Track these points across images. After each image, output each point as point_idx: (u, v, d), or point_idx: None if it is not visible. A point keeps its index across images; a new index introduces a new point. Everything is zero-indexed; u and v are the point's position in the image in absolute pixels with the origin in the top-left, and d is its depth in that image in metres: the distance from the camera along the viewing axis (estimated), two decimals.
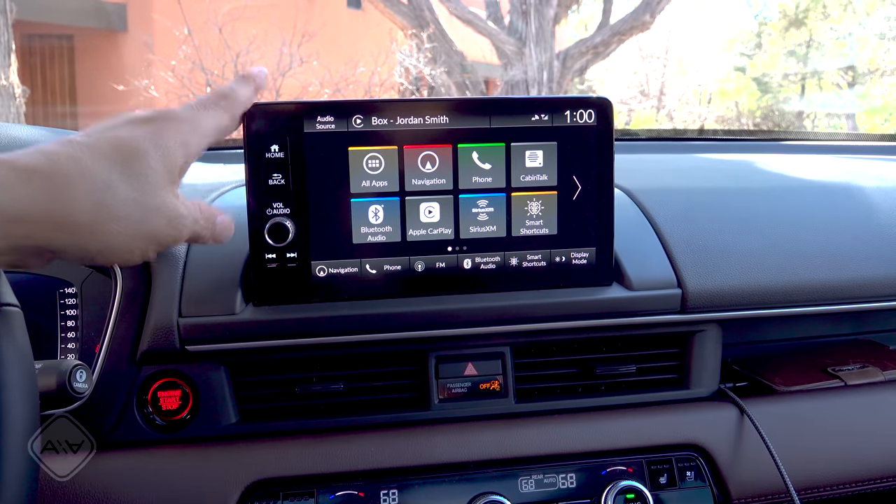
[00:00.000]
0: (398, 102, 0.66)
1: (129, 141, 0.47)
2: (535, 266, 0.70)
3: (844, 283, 0.77)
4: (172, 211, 0.49)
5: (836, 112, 9.77)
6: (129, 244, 0.46)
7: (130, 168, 0.46)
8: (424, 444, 0.68)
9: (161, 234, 0.49)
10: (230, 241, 0.69)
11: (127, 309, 0.66)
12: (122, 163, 0.46)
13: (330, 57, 6.16)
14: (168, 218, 0.49)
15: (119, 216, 0.45)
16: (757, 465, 0.71)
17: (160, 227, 0.48)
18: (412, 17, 6.29)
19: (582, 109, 0.68)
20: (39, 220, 0.42)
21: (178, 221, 0.50)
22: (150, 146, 0.48)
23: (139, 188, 0.46)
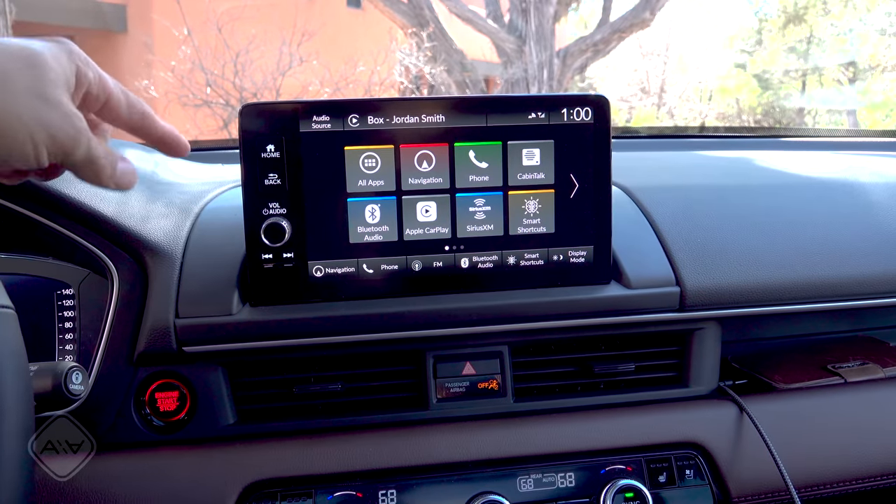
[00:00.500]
0: (394, 101, 0.66)
1: (33, 45, 0.47)
2: (533, 265, 0.70)
3: (844, 279, 0.77)
4: (67, 108, 0.47)
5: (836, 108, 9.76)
6: (21, 129, 0.44)
7: (30, 62, 0.45)
8: (423, 444, 0.68)
9: (54, 127, 0.46)
10: (226, 242, 0.69)
11: (124, 310, 0.66)
12: (23, 59, 0.45)
13: (330, 56, 6.15)
14: (63, 114, 0.46)
15: (14, 98, 0.44)
16: (757, 463, 0.71)
17: (54, 120, 0.46)
18: (412, 15, 6.28)
19: (579, 107, 0.68)
20: None
21: (72, 119, 0.47)
22: (52, 52, 0.47)
23: (36, 79, 0.45)
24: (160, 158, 0.89)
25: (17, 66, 0.45)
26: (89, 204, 0.64)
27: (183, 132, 1.97)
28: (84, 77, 0.49)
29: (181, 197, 0.76)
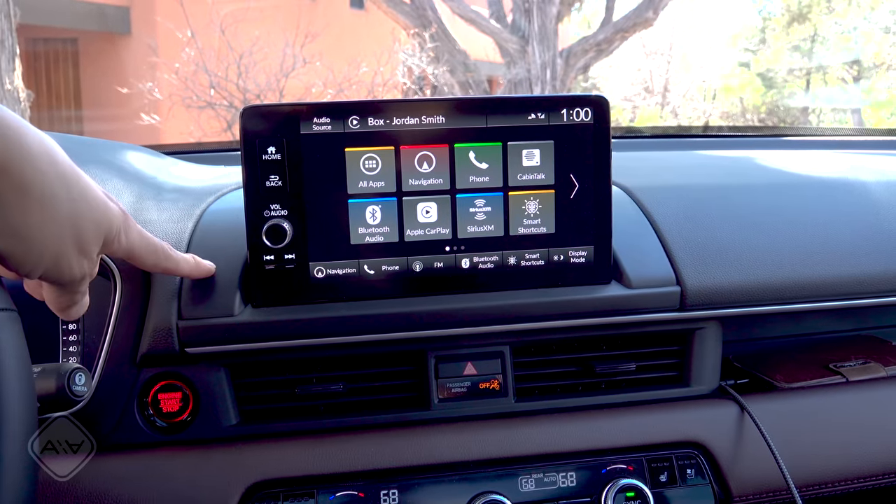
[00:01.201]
0: (394, 103, 0.66)
1: (97, 195, 0.50)
2: (534, 265, 0.70)
3: (845, 279, 0.77)
4: (87, 258, 0.49)
5: (841, 107, 9.73)
6: (37, 249, 0.45)
7: (89, 206, 0.48)
8: (424, 444, 0.68)
9: (63, 264, 0.47)
10: (228, 243, 0.69)
11: (126, 312, 0.66)
12: (84, 198, 0.48)
13: (333, 57, 6.15)
14: (79, 262, 0.49)
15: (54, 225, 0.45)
16: (758, 462, 0.71)
17: (71, 261, 0.48)
18: (415, 16, 6.29)
19: (578, 108, 0.68)
20: None
21: (83, 267, 0.49)
22: (105, 211, 0.50)
23: (80, 223, 0.47)
24: (162, 161, 0.89)
25: (73, 199, 0.46)
26: None
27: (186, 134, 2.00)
28: (116, 244, 0.52)
29: (183, 199, 0.76)
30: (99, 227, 0.49)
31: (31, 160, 0.42)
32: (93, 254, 0.50)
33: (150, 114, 5.74)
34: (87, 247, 0.49)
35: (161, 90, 5.81)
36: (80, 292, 0.53)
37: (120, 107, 6.30)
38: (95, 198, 0.49)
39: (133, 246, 0.55)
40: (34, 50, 7.12)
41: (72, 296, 0.52)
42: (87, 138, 0.81)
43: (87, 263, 0.50)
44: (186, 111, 5.78)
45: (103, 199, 0.50)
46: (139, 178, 0.78)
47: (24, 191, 0.42)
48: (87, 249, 0.49)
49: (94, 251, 0.50)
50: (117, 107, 6.43)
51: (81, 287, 0.52)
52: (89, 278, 0.52)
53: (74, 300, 0.53)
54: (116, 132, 6.52)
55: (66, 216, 0.46)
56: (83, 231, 0.48)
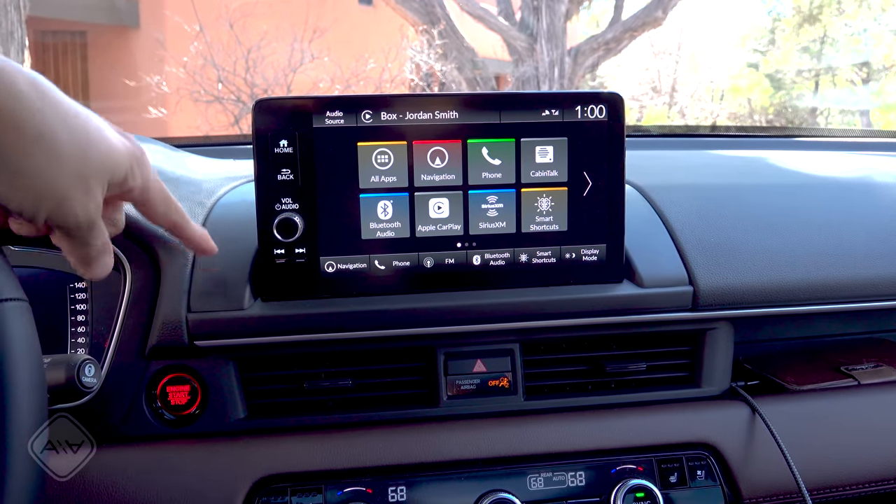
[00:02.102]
0: (407, 97, 0.66)
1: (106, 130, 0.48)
2: (545, 263, 0.69)
3: (858, 281, 0.76)
4: (92, 196, 0.46)
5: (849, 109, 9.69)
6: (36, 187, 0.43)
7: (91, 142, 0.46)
8: (433, 441, 0.68)
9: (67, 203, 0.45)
10: (238, 237, 0.69)
11: (136, 304, 0.66)
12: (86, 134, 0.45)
13: (341, 53, 6.15)
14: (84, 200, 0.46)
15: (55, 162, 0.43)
16: (768, 464, 0.70)
17: (75, 199, 0.45)
18: (423, 13, 6.28)
19: (593, 105, 0.68)
20: None
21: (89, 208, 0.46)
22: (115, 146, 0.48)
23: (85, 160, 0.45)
24: (173, 153, 0.89)
25: (74, 137, 0.44)
26: None
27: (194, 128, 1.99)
28: (130, 181, 0.50)
29: (194, 192, 0.76)
30: (104, 165, 0.46)
31: (21, 98, 0.41)
32: (97, 194, 0.47)
33: (158, 107, 5.74)
34: (91, 186, 0.46)
35: (169, 84, 5.82)
36: (94, 244, 0.49)
37: (128, 100, 6.31)
38: (100, 136, 0.46)
39: (148, 186, 0.52)
40: (43, 42, 7.13)
41: (86, 248, 0.49)
42: None
43: (92, 205, 0.47)
44: (194, 105, 5.79)
45: (109, 136, 0.47)
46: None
47: (18, 130, 0.41)
48: (91, 188, 0.46)
49: (100, 191, 0.47)
50: (125, 100, 6.44)
51: (93, 236, 0.48)
52: (99, 227, 0.49)
53: (90, 253, 0.49)
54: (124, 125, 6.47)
55: (66, 154, 0.44)
56: (86, 169, 0.45)
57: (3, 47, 3.26)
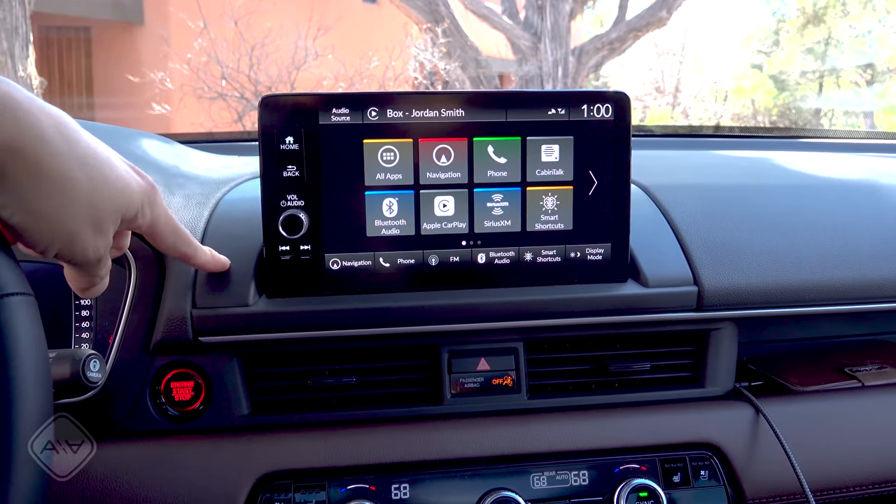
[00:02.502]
0: (414, 95, 0.66)
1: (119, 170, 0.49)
2: (550, 261, 0.69)
3: (863, 282, 0.76)
4: (103, 237, 0.48)
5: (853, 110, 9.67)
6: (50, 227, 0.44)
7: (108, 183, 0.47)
8: (436, 439, 0.68)
9: (79, 244, 0.46)
10: (243, 233, 0.69)
11: (141, 299, 0.66)
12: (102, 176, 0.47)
13: (345, 50, 6.15)
14: (96, 242, 0.47)
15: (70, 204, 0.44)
16: (772, 465, 0.70)
17: (86, 242, 0.47)
18: (427, 11, 6.27)
19: (599, 104, 0.68)
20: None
21: (99, 248, 0.48)
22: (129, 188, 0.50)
23: (97, 202, 0.46)
24: (178, 149, 0.89)
25: (92, 181, 0.45)
26: None
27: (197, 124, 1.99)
28: (140, 218, 0.52)
29: (199, 187, 0.76)
30: (117, 207, 0.48)
31: (45, 142, 0.42)
32: (109, 233, 0.49)
33: (162, 104, 5.75)
34: (104, 226, 0.48)
35: (173, 80, 5.82)
36: (99, 275, 0.51)
37: (131, 96, 6.31)
38: (116, 176, 0.48)
39: (157, 221, 0.54)
40: (47, 38, 7.14)
41: (90, 277, 0.51)
42: (105, 125, 0.80)
43: (102, 243, 0.48)
44: (197, 102, 5.79)
45: (123, 177, 0.49)
46: (155, 165, 0.78)
47: (40, 173, 0.42)
48: (103, 228, 0.48)
49: (111, 230, 0.49)
50: (129, 96, 6.44)
51: (99, 269, 0.51)
52: (105, 260, 0.51)
53: (93, 282, 0.52)
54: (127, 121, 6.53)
55: (83, 197, 0.45)
56: (100, 211, 0.47)
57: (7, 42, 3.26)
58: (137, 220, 0.51)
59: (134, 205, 0.50)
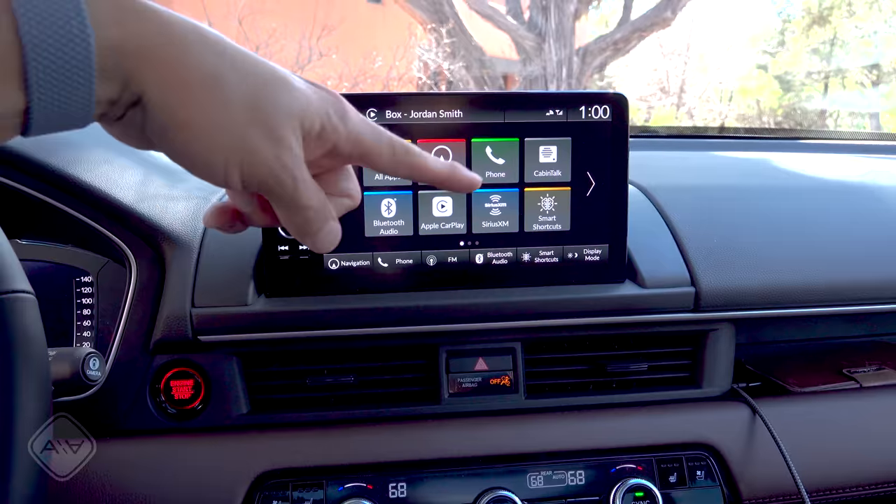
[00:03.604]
0: (412, 96, 0.66)
1: (284, 72, 0.42)
2: (548, 262, 0.70)
3: (861, 284, 0.76)
4: (285, 145, 0.41)
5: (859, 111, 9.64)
6: (212, 142, 0.38)
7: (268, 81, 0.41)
8: (434, 438, 0.68)
9: (257, 158, 0.40)
10: (244, 233, 0.69)
11: (141, 298, 0.67)
12: (259, 76, 0.40)
13: (349, 50, 6.16)
14: (276, 151, 0.40)
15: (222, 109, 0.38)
16: (768, 465, 0.71)
17: (262, 152, 0.40)
18: (431, 11, 6.28)
19: (597, 105, 0.68)
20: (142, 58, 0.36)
21: (283, 159, 0.40)
22: (302, 88, 0.42)
23: (261, 102, 0.40)
24: None
25: (246, 80, 0.39)
26: (109, 193, 0.65)
27: None
28: (332, 133, 0.43)
29: (200, 186, 0.76)
30: (289, 110, 0.41)
31: (184, 43, 0.37)
32: (290, 140, 0.41)
33: None
34: (279, 132, 0.40)
35: None
36: (307, 205, 0.43)
37: None
38: (279, 81, 0.41)
39: (357, 134, 0.44)
40: None
41: (300, 211, 0.43)
42: None
43: (288, 157, 0.41)
44: None
45: (291, 82, 0.42)
46: (157, 162, 0.79)
47: (181, 75, 0.37)
48: (279, 136, 0.40)
49: (294, 142, 0.41)
50: None
51: (301, 194, 0.42)
52: (309, 189, 0.43)
53: (306, 217, 0.43)
54: None
55: (239, 100, 0.39)
56: (267, 116, 0.40)
57: None
58: (329, 135, 0.43)
59: (314, 114, 0.42)
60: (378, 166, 0.46)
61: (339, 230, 0.46)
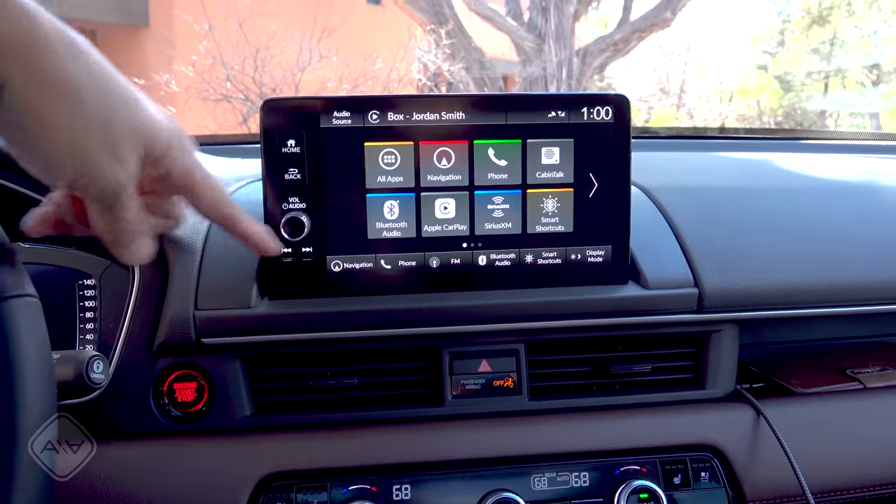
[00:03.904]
0: (414, 98, 0.66)
1: (143, 100, 0.45)
2: (551, 263, 0.70)
3: (864, 284, 0.76)
4: (120, 160, 0.43)
5: (859, 111, 9.64)
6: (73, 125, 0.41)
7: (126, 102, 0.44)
8: (437, 440, 0.68)
9: (91, 158, 0.42)
10: None
11: (144, 301, 0.67)
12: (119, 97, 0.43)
13: (349, 52, 6.16)
14: (112, 158, 0.42)
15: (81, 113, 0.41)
16: (773, 467, 0.70)
17: (100, 155, 0.42)
18: (431, 12, 6.28)
19: (599, 106, 0.68)
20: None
21: (116, 170, 0.43)
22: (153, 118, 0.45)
23: (113, 116, 0.42)
24: None
25: (104, 95, 0.42)
26: None
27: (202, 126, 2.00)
28: (169, 161, 0.47)
29: None
30: (136, 132, 0.44)
31: (49, 48, 0.39)
32: (128, 160, 0.43)
33: (167, 105, 5.76)
34: (121, 151, 0.43)
35: (178, 82, 5.84)
36: (126, 218, 0.46)
37: None
38: (134, 101, 0.44)
39: (192, 170, 0.49)
40: None
41: (118, 222, 0.46)
42: None
43: (121, 171, 0.43)
44: (202, 104, 5.81)
45: (144, 106, 0.45)
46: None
47: (42, 77, 0.39)
48: (120, 154, 0.43)
49: (130, 158, 0.44)
50: None
51: (123, 206, 0.45)
52: (130, 202, 0.45)
53: (121, 228, 0.46)
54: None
55: (93, 110, 0.41)
56: (116, 131, 0.42)
57: None
58: (166, 163, 0.46)
59: (159, 139, 0.45)
60: (198, 204, 0.51)
61: (150, 247, 0.49)
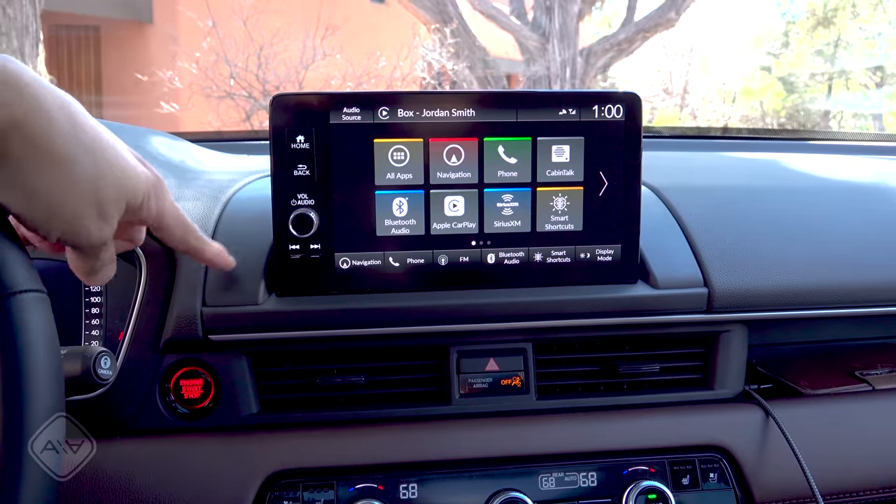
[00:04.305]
0: (424, 94, 0.66)
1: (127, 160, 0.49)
2: (560, 262, 0.69)
3: (874, 285, 0.75)
4: (106, 219, 0.48)
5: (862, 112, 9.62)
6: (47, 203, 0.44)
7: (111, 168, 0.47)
8: (445, 439, 0.68)
9: (79, 225, 0.46)
10: (254, 232, 0.69)
11: (151, 297, 0.66)
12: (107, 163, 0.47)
13: (353, 50, 6.15)
14: (99, 224, 0.47)
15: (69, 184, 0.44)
16: (781, 468, 0.70)
17: (90, 222, 0.46)
18: (435, 11, 6.27)
19: (610, 104, 0.68)
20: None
21: (102, 231, 0.48)
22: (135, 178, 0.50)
23: (100, 186, 0.46)
24: (188, 147, 0.89)
25: (96, 165, 0.46)
26: None
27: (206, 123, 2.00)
28: (145, 210, 0.52)
29: (209, 186, 0.76)
30: (121, 192, 0.48)
31: (49, 121, 0.42)
32: (113, 219, 0.48)
33: (170, 102, 5.77)
34: (107, 211, 0.47)
35: (181, 79, 5.84)
36: (102, 259, 0.51)
37: (140, 94, 6.33)
38: (120, 161, 0.48)
39: (164, 213, 0.54)
40: (57, 36, 7.16)
41: (92, 261, 0.51)
42: (114, 122, 0.81)
43: (106, 228, 0.48)
44: (206, 100, 5.80)
45: (129, 163, 0.49)
46: (166, 162, 0.78)
47: (41, 152, 0.42)
48: (106, 213, 0.47)
49: (115, 216, 0.49)
50: (137, 94, 6.46)
51: (103, 253, 0.50)
52: (109, 246, 0.51)
53: (95, 266, 0.51)
54: (136, 119, 6.56)
55: (85, 179, 0.45)
56: (104, 196, 0.47)
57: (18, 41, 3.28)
58: (143, 211, 0.52)
59: (139, 193, 0.50)
60: (168, 239, 0.57)
61: (114, 270, 0.54)
